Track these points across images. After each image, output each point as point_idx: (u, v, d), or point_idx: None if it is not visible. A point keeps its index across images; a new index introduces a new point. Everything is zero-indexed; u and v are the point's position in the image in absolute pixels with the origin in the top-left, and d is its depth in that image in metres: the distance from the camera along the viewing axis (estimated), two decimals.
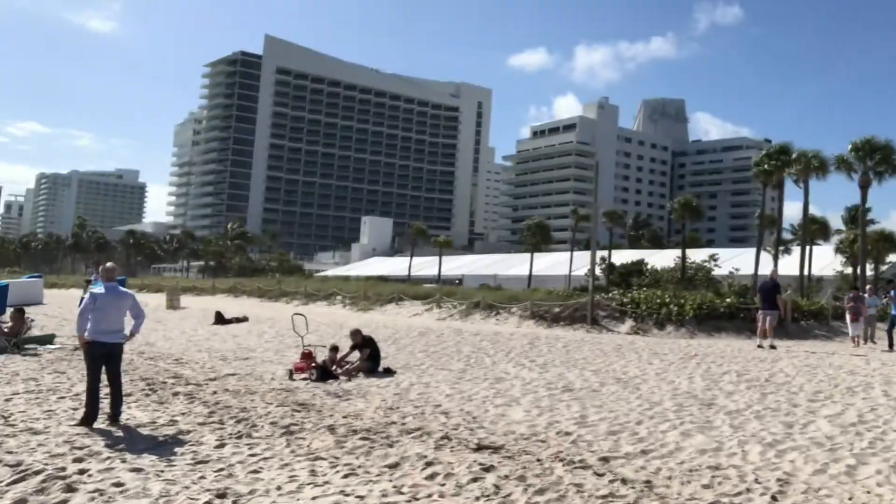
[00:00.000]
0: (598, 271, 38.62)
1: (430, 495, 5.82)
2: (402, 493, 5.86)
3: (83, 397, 8.58)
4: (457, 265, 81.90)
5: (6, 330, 16.26)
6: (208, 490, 5.85)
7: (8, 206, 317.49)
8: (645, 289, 29.98)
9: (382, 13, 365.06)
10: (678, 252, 53.43)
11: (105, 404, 8.41)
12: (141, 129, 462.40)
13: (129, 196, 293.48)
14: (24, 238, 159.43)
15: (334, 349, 13.40)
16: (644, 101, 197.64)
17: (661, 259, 57.20)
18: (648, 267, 51.63)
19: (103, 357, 8.36)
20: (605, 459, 7.02)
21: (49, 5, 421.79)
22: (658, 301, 23.14)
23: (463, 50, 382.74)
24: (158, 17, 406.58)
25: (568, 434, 8.17)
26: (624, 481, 6.26)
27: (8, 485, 5.93)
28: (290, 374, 12.60)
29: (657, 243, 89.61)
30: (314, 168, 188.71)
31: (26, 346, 15.85)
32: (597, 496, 5.86)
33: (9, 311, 19.37)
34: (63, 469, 6.36)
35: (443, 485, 6.09)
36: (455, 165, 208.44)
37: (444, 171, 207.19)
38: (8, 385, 10.98)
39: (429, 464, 6.69)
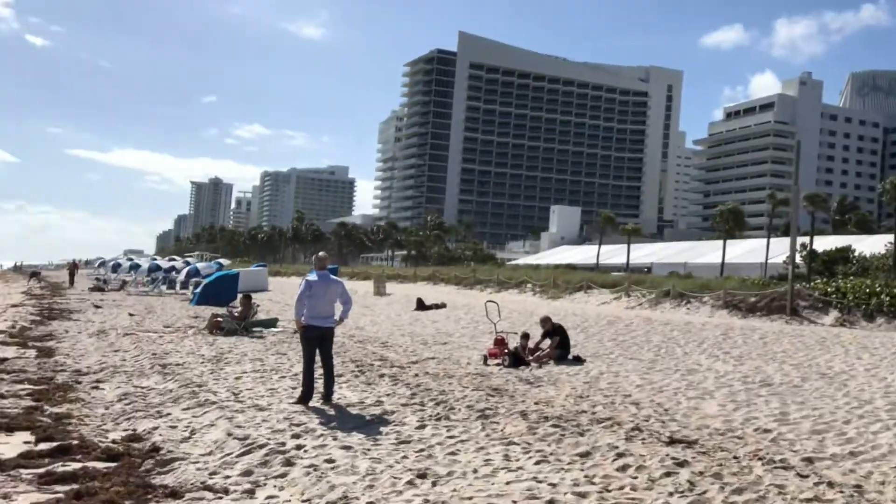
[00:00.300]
0: (797, 259, 35.74)
1: (621, 487, 5.65)
2: (593, 484, 5.72)
3: (301, 377, 9.16)
4: (645, 253, 79.20)
5: (237, 314, 17.84)
6: (410, 470, 6.03)
7: (238, 202, 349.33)
8: (852, 277, 27.34)
9: (571, 1, 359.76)
10: (890, 237, 48.22)
11: (319, 384, 8.95)
12: (349, 127, 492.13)
13: (340, 190, 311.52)
14: (252, 230, 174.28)
15: (525, 336, 13.44)
16: (852, 74, 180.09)
17: (871, 245, 51.89)
18: (856, 254, 47.06)
19: (317, 340, 8.84)
20: (808, 460, 6.48)
21: (267, 15, 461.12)
22: (867, 291, 20.98)
23: (653, 33, 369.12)
24: (362, 22, 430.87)
25: (767, 431, 7.63)
26: (830, 484, 5.74)
27: (237, 456, 6.48)
28: (485, 359, 12.80)
29: (866, 228, 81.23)
30: (505, 159, 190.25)
31: (253, 329, 17.31)
32: (800, 499, 5.41)
33: (239, 296, 21.25)
34: (283, 444, 6.82)
35: (635, 477, 5.89)
36: (644, 152, 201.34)
37: (632, 158, 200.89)
38: (238, 364, 12.04)
39: (620, 455, 6.50)
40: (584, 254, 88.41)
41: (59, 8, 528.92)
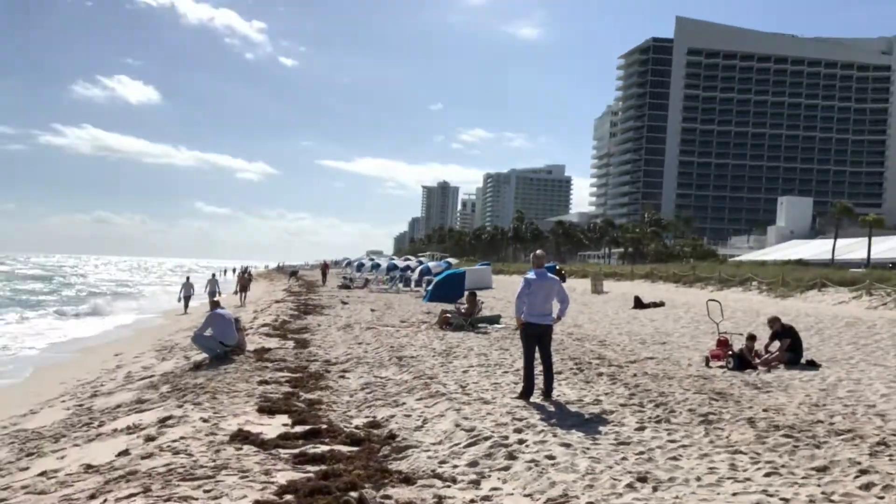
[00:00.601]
0: None
1: None
2: (831, 501, 5.14)
3: (522, 373, 9.17)
4: (890, 246, 70.26)
5: (463, 311, 18.42)
6: (630, 472, 5.82)
7: (464, 204, 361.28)
8: None
9: None
10: None
11: (539, 380, 8.92)
12: (565, 126, 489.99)
13: (557, 189, 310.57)
14: (476, 231, 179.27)
15: (752, 338, 12.46)
16: None
17: None
18: None
19: (536, 337, 8.81)
20: None
21: (485, 19, 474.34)
22: None
23: None
24: (577, 18, 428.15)
25: None
26: None
27: (464, 447, 6.64)
28: (707, 360, 12.08)
29: None
30: (726, 149, 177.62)
31: (478, 325, 17.77)
32: None
33: (465, 294, 21.92)
34: (506, 438, 6.87)
35: (881, 497, 5.20)
36: (887, 133, 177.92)
37: (872, 141, 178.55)
38: (465, 359, 12.40)
39: (863, 472, 5.77)
40: (816, 249, 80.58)
41: (304, 30, 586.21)
